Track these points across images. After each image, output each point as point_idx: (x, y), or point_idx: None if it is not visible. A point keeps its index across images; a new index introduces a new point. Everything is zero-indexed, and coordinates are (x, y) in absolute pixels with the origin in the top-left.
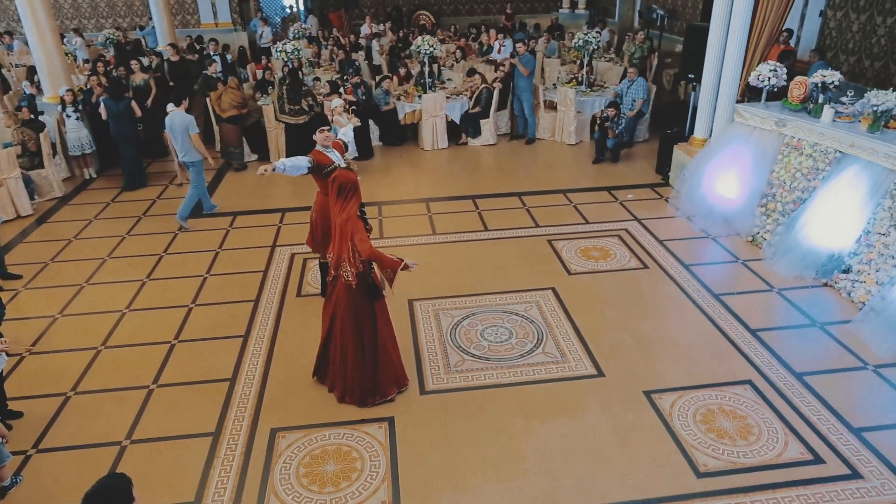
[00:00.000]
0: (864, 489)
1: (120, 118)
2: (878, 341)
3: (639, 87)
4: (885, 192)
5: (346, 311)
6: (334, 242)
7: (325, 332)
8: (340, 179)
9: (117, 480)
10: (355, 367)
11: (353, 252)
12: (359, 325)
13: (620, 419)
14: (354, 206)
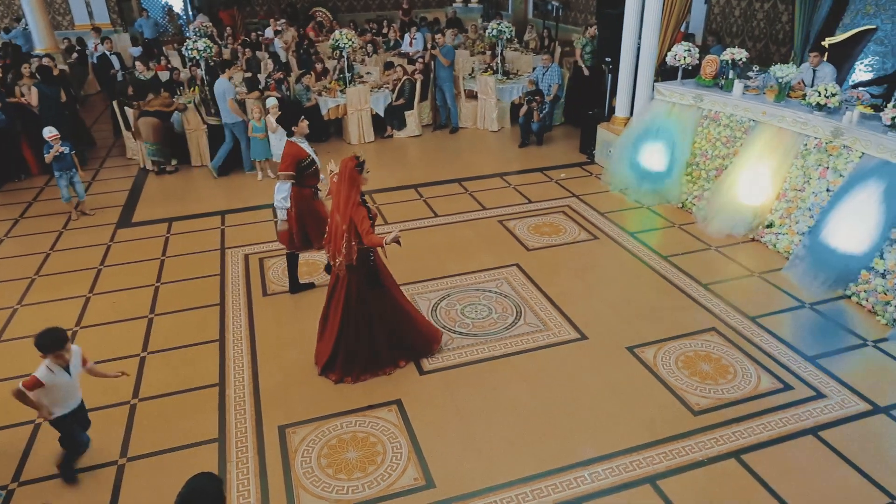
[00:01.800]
0: (830, 405)
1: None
2: (807, 283)
3: (554, 73)
4: (797, 153)
5: (350, 300)
6: (331, 229)
7: (336, 327)
8: (342, 165)
9: (211, 481)
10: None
11: (349, 243)
12: (354, 312)
13: (613, 374)
14: (355, 193)
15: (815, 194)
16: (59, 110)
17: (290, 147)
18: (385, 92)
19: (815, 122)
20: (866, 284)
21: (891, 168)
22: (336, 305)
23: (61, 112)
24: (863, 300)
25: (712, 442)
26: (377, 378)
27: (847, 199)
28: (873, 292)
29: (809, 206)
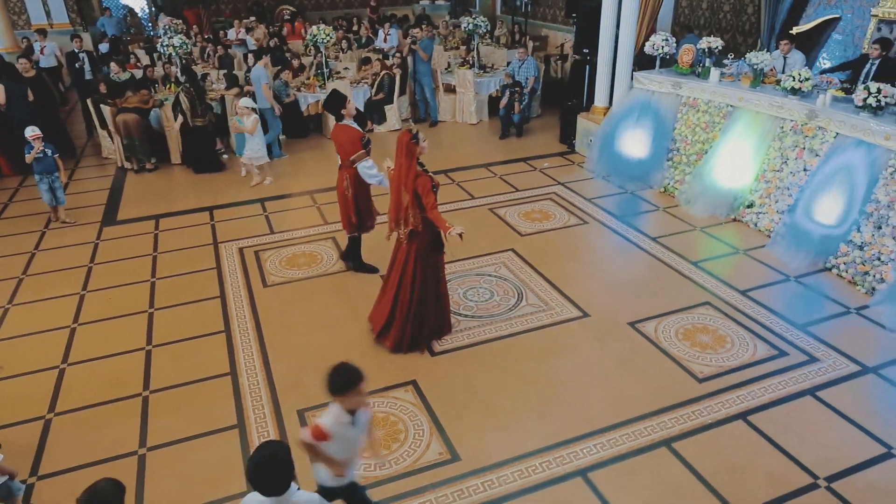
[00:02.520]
0: (823, 368)
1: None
2: (789, 258)
3: (530, 66)
4: (774, 135)
5: (411, 271)
6: (393, 200)
7: (393, 294)
8: (399, 138)
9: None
10: (417, 319)
11: (414, 211)
12: (418, 283)
13: (618, 348)
14: (413, 164)
15: (792, 174)
16: (29, 109)
17: (346, 130)
18: (364, 87)
19: (791, 106)
20: (845, 257)
21: (864, 146)
22: (395, 273)
23: (32, 111)
24: (843, 272)
25: (719, 406)
26: (401, 356)
27: (823, 178)
28: (852, 264)
29: (788, 185)
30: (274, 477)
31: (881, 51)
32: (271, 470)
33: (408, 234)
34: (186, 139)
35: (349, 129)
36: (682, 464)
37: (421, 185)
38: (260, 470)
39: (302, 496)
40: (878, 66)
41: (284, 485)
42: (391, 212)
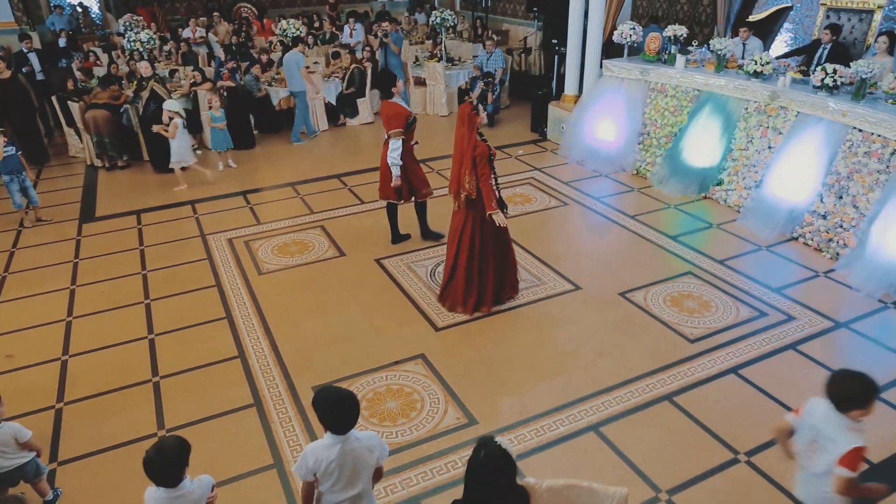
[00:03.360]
0: (800, 325)
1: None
2: (759, 230)
3: (498, 58)
4: (739, 116)
5: (471, 233)
6: (453, 169)
7: (452, 256)
8: (460, 110)
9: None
10: (483, 278)
11: (471, 178)
12: (478, 244)
13: (611, 316)
14: (473, 134)
15: (758, 152)
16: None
17: (393, 107)
18: (335, 81)
19: (754, 88)
20: (810, 226)
21: (823, 123)
22: (454, 237)
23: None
24: (809, 240)
25: (711, 363)
26: (406, 333)
27: (787, 154)
28: (817, 233)
29: (754, 163)
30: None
31: (832, 36)
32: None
33: (465, 200)
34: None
35: (397, 106)
36: (684, 414)
37: (479, 154)
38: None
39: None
40: (829, 50)
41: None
42: (452, 180)
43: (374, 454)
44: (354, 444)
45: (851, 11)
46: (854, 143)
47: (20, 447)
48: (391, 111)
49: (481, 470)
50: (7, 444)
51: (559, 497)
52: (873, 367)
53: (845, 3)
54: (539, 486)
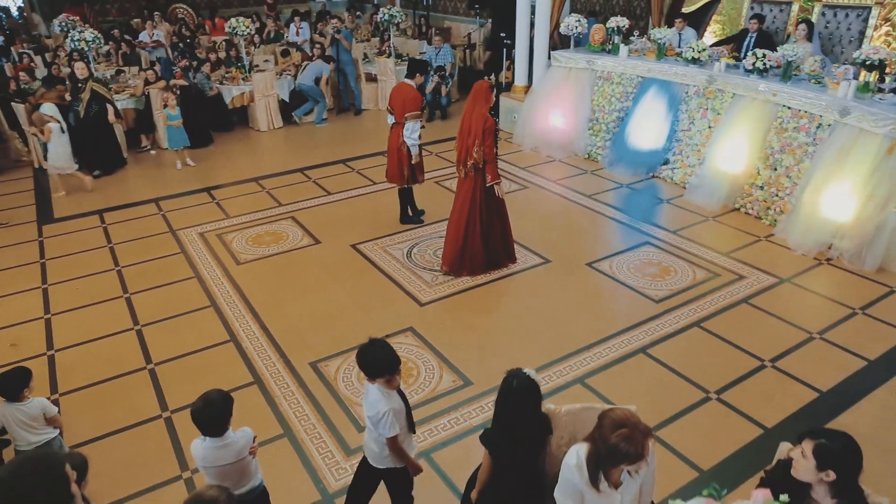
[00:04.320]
0: (749, 282)
1: None
2: (704, 203)
3: (446, 53)
4: (680, 99)
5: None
6: (462, 142)
7: (452, 227)
8: (476, 86)
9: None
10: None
11: (480, 147)
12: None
13: (582, 283)
14: (486, 108)
15: (699, 132)
16: None
17: (410, 89)
18: (288, 78)
19: (692, 73)
20: (750, 197)
21: (756, 103)
22: (463, 205)
23: None
24: (749, 209)
25: (676, 318)
26: (392, 308)
27: (726, 132)
28: (756, 202)
29: (696, 142)
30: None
31: (758, 25)
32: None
33: (472, 168)
34: (87, 138)
35: (412, 90)
36: (658, 364)
37: (489, 127)
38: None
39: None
40: (756, 38)
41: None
42: (459, 152)
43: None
44: (395, 393)
45: (773, 3)
46: (784, 120)
47: (47, 423)
48: (407, 93)
49: (513, 396)
50: (36, 418)
51: (576, 419)
52: (813, 315)
53: None
54: (559, 410)
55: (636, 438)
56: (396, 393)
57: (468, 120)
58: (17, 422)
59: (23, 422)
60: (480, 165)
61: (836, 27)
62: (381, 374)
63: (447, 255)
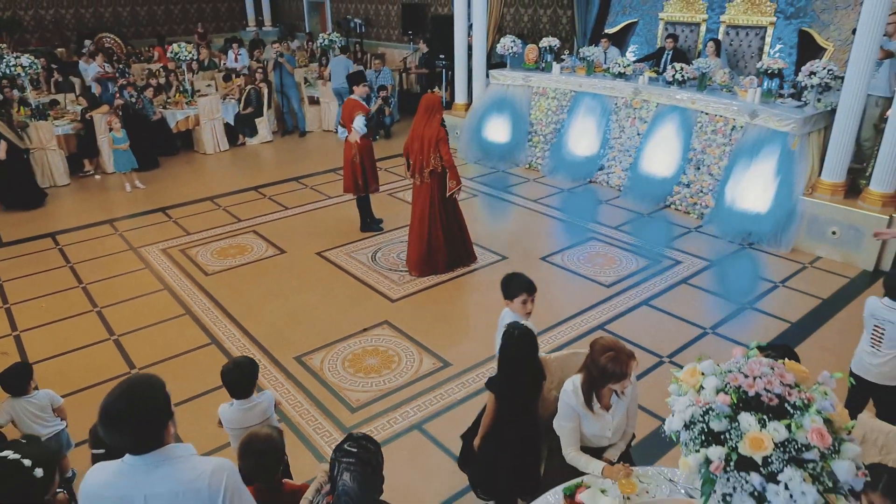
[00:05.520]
0: (685, 266)
1: None
2: (638, 203)
3: (386, 76)
4: (611, 111)
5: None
6: (413, 152)
7: (415, 231)
8: (427, 99)
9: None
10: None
11: (436, 154)
12: (439, 213)
13: (539, 275)
14: (437, 119)
15: (629, 139)
16: None
17: (359, 103)
18: (232, 102)
19: (619, 86)
20: (678, 195)
21: (678, 111)
22: (423, 209)
23: None
24: (678, 206)
25: (627, 298)
26: (366, 304)
27: (653, 138)
28: (684, 199)
29: (627, 148)
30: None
31: (673, 43)
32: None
33: (429, 174)
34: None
35: (358, 103)
36: (616, 337)
37: (443, 136)
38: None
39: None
40: (672, 54)
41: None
42: (415, 162)
43: None
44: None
45: (684, 24)
46: (703, 124)
47: (55, 414)
48: (355, 107)
49: (517, 344)
50: (45, 409)
51: (563, 364)
52: (740, 289)
53: (678, 18)
54: (549, 357)
55: (622, 359)
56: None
57: (420, 131)
58: (28, 415)
59: (34, 415)
60: (439, 170)
61: (739, 44)
62: (518, 293)
63: (413, 258)
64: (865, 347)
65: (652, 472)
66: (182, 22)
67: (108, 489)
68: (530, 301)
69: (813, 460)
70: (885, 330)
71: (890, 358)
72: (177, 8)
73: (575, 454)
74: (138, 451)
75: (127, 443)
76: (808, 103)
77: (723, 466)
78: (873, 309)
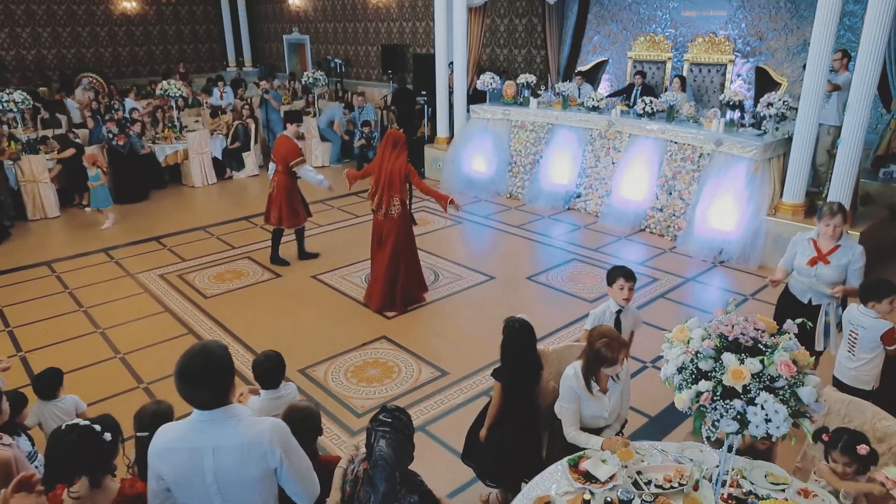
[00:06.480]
0: (662, 283)
1: None
2: (615, 227)
3: (369, 111)
4: (586, 141)
5: (399, 239)
6: (380, 187)
7: (384, 266)
8: (395, 136)
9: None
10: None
11: (404, 190)
12: (405, 247)
13: (526, 292)
14: (404, 155)
15: (604, 168)
16: None
17: (290, 141)
18: (219, 137)
19: (594, 119)
20: (652, 219)
21: (649, 140)
22: (386, 244)
23: None
24: (653, 229)
25: None
26: (364, 321)
27: (626, 166)
28: (658, 223)
29: (603, 176)
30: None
31: (642, 79)
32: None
33: (400, 205)
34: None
35: (290, 141)
36: None
37: (412, 171)
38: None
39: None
40: (641, 90)
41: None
42: (379, 196)
43: None
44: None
45: (651, 62)
46: (673, 153)
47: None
48: (287, 145)
49: (515, 334)
50: (70, 413)
51: (560, 356)
52: (713, 301)
53: (645, 57)
54: (547, 350)
55: (614, 346)
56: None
57: (387, 166)
58: (55, 419)
59: (60, 419)
60: (406, 200)
61: (702, 80)
62: (615, 279)
63: (377, 294)
64: (843, 352)
65: (647, 444)
66: (164, 62)
67: (181, 442)
68: (627, 287)
69: (783, 387)
70: (857, 335)
71: (864, 362)
72: (158, 49)
73: (575, 433)
74: (211, 405)
75: (204, 396)
76: (768, 132)
77: (710, 397)
78: (850, 315)
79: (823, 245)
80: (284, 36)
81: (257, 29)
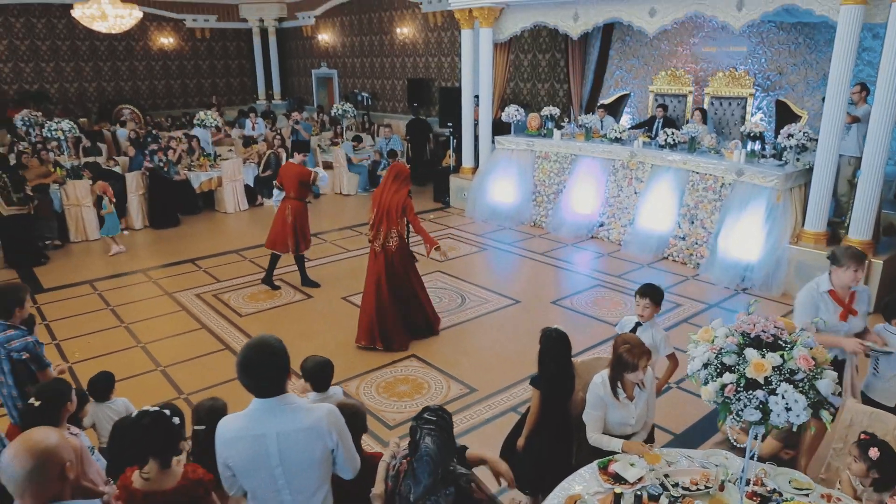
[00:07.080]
0: (685, 308)
1: None
2: (638, 254)
3: (395, 142)
4: (610, 171)
5: (392, 272)
6: (379, 219)
7: (372, 300)
8: (398, 169)
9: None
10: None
11: (402, 224)
12: (400, 282)
13: (550, 316)
14: (405, 189)
15: (627, 197)
16: None
17: (297, 167)
18: (251, 165)
19: (616, 150)
20: (675, 247)
21: (671, 171)
22: (379, 279)
23: None
24: (675, 257)
25: None
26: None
27: (649, 196)
28: (680, 251)
29: (626, 206)
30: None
31: (663, 112)
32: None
33: (397, 238)
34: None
35: (296, 167)
36: None
37: (410, 207)
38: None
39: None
40: (662, 122)
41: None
42: (376, 227)
43: None
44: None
45: (671, 95)
46: (695, 183)
47: None
48: (294, 171)
49: (552, 343)
50: (121, 414)
51: (588, 368)
52: None
53: (666, 90)
54: (575, 361)
55: (635, 352)
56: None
57: (387, 198)
58: (107, 420)
59: (112, 419)
60: (404, 236)
61: (723, 113)
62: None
63: (362, 326)
64: (870, 370)
65: (674, 451)
66: (197, 95)
67: (245, 430)
68: (642, 304)
69: (802, 380)
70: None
71: (888, 380)
72: (192, 83)
73: (597, 436)
74: (271, 392)
75: (265, 385)
76: (788, 162)
77: (734, 388)
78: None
79: (842, 294)
80: (313, 70)
81: (287, 64)
